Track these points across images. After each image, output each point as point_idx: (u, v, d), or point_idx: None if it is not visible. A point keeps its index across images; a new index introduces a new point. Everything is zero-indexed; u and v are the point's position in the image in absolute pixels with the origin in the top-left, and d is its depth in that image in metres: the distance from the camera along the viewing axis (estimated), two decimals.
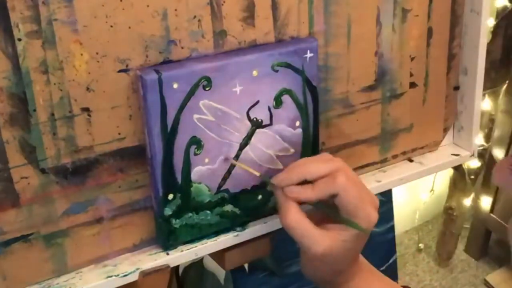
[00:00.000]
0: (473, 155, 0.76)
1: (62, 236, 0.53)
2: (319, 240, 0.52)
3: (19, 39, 0.45)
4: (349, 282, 0.57)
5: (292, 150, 0.60)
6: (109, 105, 0.51)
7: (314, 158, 0.55)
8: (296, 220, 0.52)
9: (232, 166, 0.57)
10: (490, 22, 1.44)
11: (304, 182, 0.53)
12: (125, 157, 0.53)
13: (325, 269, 0.55)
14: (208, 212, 0.58)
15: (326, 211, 0.54)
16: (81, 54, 0.48)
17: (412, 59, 0.69)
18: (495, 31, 1.47)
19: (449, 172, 1.67)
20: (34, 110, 0.48)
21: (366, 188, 0.54)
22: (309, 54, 0.58)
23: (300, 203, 0.53)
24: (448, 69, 0.73)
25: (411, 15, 0.67)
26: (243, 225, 0.61)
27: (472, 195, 1.67)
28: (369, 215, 0.52)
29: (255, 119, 0.57)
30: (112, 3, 0.48)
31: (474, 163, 1.60)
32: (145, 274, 0.55)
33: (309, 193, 0.52)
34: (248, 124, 0.57)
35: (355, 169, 0.70)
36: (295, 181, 0.53)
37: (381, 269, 1.33)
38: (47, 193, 0.51)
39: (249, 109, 0.56)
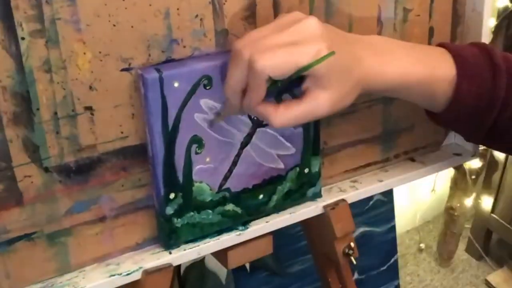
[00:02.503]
0: (474, 155, 0.76)
1: (65, 235, 0.53)
2: (316, 105, 0.50)
3: (23, 38, 0.46)
4: (376, 77, 0.53)
5: (293, 149, 0.61)
6: (112, 104, 0.51)
7: (230, 65, 0.50)
8: (282, 113, 0.49)
9: (234, 165, 0.57)
10: (491, 22, 1.44)
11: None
12: (128, 156, 0.53)
13: (348, 97, 0.52)
14: (210, 211, 0.58)
15: (276, 86, 0.49)
16: (84, 53, 0.48)
17: None
18: (496, 31, 1.47)
19: (450, 172, 1.67)
20: (38, 109, 0.48)
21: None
22: None
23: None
24: None
25: (412, 14, 0.67)
26: (244, 224, 0.61)
27: (473, 195, 1.67)
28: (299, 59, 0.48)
29: (255, 118, 0.57)
30: (115, 2, 0.48)
31: (476, 163, 1.60)
32: (148, 273, 0.55)
33: (255, 94, 0.49)
34: (249, 123, 0.57)
35: (356, 169, 0.70)
36: (239, 102, 0.50)
37: (382, 269, 1.34)
38: (50, 192, 0.51)
39: None
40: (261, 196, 0.61)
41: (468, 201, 1.66)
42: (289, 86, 0.53)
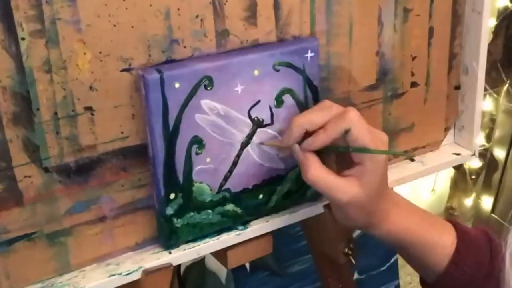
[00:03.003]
0: (474, 154, 0.77)
1: (65, 235, 0.53)
2: (344, 188, 0.53)
3: (23, 38, 0.46)
4: (383, 222, 0.57)
5: None
6: (112, 104, 0.51)
7: (313, 109, 0.56)
8: (318, 173, 0.53)
9: (234, 165, 0.57)
10: (491, 22, 1.44)
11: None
12: (128, 156, 0.53)
13: (356, 215, 0.55)
14: (210, 211, 0.58)
15: (341, 150, 0.55)
16: (84, 53, 0.48)
17: (414, 58, 0.69)
18: (496, 31, 1.47)
19: (450, 172, 1.67)
20: (38, 109, 0.48)
21: (373, 128, 0.55)
22: (310, 54, 0.58)
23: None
24: (449, 68, 0.73)
25: (413, 14, 0.67)
26: (244, 224, 0.61)
27: (473, 195, 1.67)
28: (381, 138, 0.54)
29: (256, 118, 0.57)
30: (115, 2, 0.48)
31: (475, 163, 1.60)
32: (147, 272, 0.55)
33: (322, 138, 0.53)
34: (249, 124, 0.57)
35: None
36: (297, 137, 0.54)
37: (382, 268, 1.33)
38: (50, 192, 0.51)
39: (250, 108, 0.57)
40: (261, 196, 0.61)
41: (468, 201, 1.66)
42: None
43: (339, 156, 0.57)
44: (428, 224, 0.59)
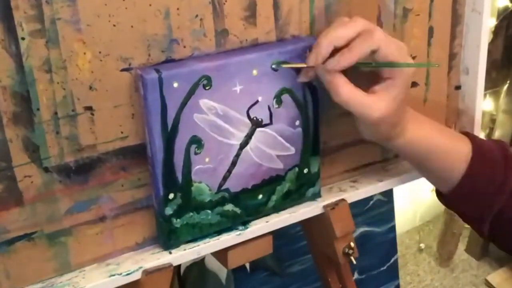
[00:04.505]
0: None
1: (65, 235, 0.53)
2: (374, 106, 0.54)
3: (23, 38, 0.46)
4: (404, 132, 0.59)
5: (292, 149, 0.61)
6: (111, 104, 0.51)
7: (334, 24, 0.55)
8: (348, 92, 0.53)
9: (233, 165, 0.57)
10: (491, 22, 1.44)
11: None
12: (127, 156, 0.53)
13: (383, 128, 0.56)
14: (209, 211, 0.58)
15: (371, 66, 0.55)
16: (84, 53, 0.48)
17: (413, 58, 0.69)
18: (496, 31, 1.47)
19: None
20: (38, 109, 0.48)
21: (395, 38, 0.55)
22: (309, 53, 0.58)
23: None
24: (449, 68, 0.73)
25: (412, 14, 0.67)
26: (244, 224, 0.61)
27: None
28: (404, 47, 0.55)
29: (255, 118, 0.57)
30: (115, 2, 0.48)
31: None
32: (148, 273, 0.55)
33: (349, 58, 0.53)
34: (248, 123, 0.57)
35: (356, 169, 0.70)
36: (326, 54, 0.53)
37: (382, 268, 1.33)
38: (50, 191, 0.51)
39: (249, 108, 0.57)
40: (260, 196, 0.61)
41: None
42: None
43: (365, 72, 0.56)
44: (446, 133, 0.61)
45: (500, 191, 0.57)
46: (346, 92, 0.53)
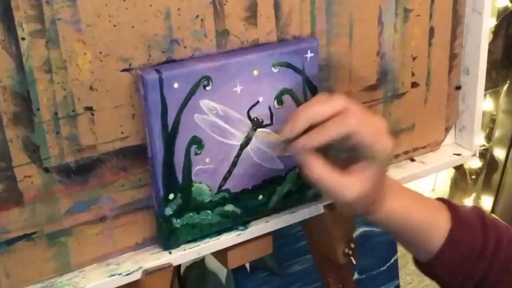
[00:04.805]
0: (474, 155, 0.77)
1: (65, 235, 0.53)
2: (348, 187, 0.52)
3: (23, 39, 0.46)
4: (382, 207, 0.57)
5: None
6: (112, 104, 0.51)
7: (313, 101, 0.54)
8: (320, 172, 0.51)
9: (233, 165, 0.57)
10: (491, 22, 1.44)
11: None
12: (128, 156, 0.53)
13: (359, 206, 0.55)
14: (209, 211, 0.58)
15: (343, 154, 0.53)
16: (85, 54, 0.48)
17: (414, 58, 0.69)
18: (496, 31, 1.47)
19: (450, 172, 1.67)
20: (38, 109, 0.48)
21: (374, 117, 0.53)
22: (309, 54, 0.58)
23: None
24: (450, 68, 0.73)
25: (413, 14, 0.67)
26: (244, 224, 0.61)
27: (473, 195, 1.67)
28: (386, 145, 0.52)
29: (255, 118, 0.57)
30: (115, 2, 0.48)
31: (475, 163, 1.60)
32: (147, 273, 0.55)
33: (320, 137, 0.51)
34: (249, 124, 0.57)
35: None
36: (302, 129, 0.51)
37: (382, 268, 1.33)
38: (50, 192, 0.51)
39: (250, 108, 0.57)
40: (260, 197, 0.61)
41: (468, 201, 1.66)
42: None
43: (343, 150, 0.55)
44: (423, 205, 0.59)
45: (480, 258, 0.57)
46: (318, 171, 0.51)
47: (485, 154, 1.62)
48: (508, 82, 1.54)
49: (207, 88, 0.53)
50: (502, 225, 0.60)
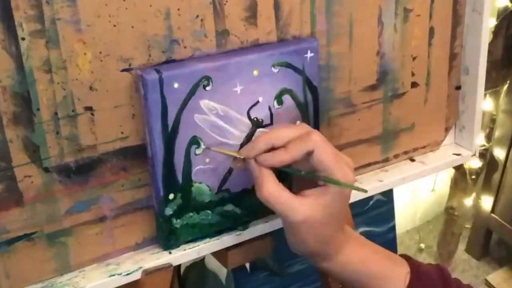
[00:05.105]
0: (474, 154, 0.77)
1: (65, 235, 0.53)
2: (297, 208, 0.51)
3: (23, 39, 0.46)
4: (338, 254, 0.56)
5: None
6: (112, 104, 0.51)
7: (279, 126, 0.55)
8: (272, 190, 0.51)
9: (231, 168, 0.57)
10: (491, 22, 1.44)
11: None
12: (128, 156, 0.53)
13: (310, 239, 0.53)
14: (209, 211, 0.58)
15: (301, 174, 0.53)
16: (85, 54, 0.48)
17: (414, 58, 0.69)
18: (496, 31, 1.47)
19: (450, 172, 1.67)
20: (38, 109, 0.48)
21: (338, 151, 0.53)
22: (309, 54, 0.58)
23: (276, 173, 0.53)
24: (450, 68, 0.73)
25: (413, 14, 0.67)
26: (244, 224, 0.61)
27: (473, 195, 1.67)
28: (346, 174, 0.51)
29: (255, 118, 0.57)
30: (115, 2, 0.48)
31: (475, 163, 1.60)
32: (147, 273, 0.55)
33: (282, 156, 0.51)
34: (249, 124, 0.57)
35: (357, 169, 0.70)
36: (262, 149, 0.52)
37: None
38: (50, 192, 0.51)
39: (250, 108, 0.57)
40: None
41: (468, 201, 1.66)
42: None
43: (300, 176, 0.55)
44: (383, 257, 0.58)
45: None
46: (269, 189, 0.51)
47: (485, 154, 1.62)
48: (508, 82, 1.54)
49: (207, 88, 0.53)
50: (464, 286, 0.58)
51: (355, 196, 0.68)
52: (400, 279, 0.56)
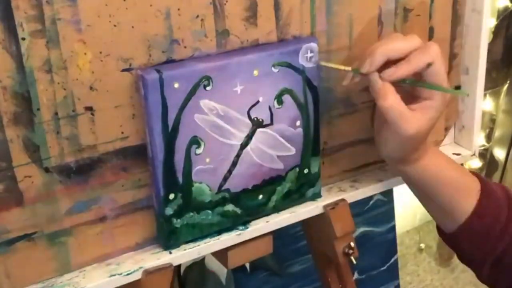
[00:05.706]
0: (474, 154, 0.77)
1: (65, 235, 0.53)
2: (412, 120, 0.54)
3: (23, 38, 0.46)
4: (420, 159, 0.59)
5: (293, 150, 0.61)
6: (112, 104, 0.51)
7: (391, 38, 0.56)
8: (394, 101, 0.54)
9: (233, 165, 0.57)
10: (491, 22, 1.44)
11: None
12: (128, 156, 0.53)
13: (407, 149, 0.57)
14: (209, 211, 0.58)
15: (419, 85, 0.56)
16: (85, 53, 0.48)
17: None
18: (496, 31, 1.47)
19: None
20: (38, 109, 0.48)
21: None
22: (309, 54, 0.58)
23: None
24: (450, 68, 0.73)
25: (413, 14, 0.67)
26: (244, 224, 0.61)
27: None
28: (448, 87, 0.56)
29: (255, 118, 0.57)
30: (115, 2, 0.48)
31: (475, 163, 1.60)
32: (148, 273, 0.55)
33: (406, 68, 0.54)
34: (249, 124, 0.57)
35: (356, 169, 0.70)
36: (381, 62, 0.54)
37: (382, 268, 1.33)
38: (50, 192, 0.51)
39: (250, 108, 0.57)
40: (260, 197, 0.61)
41: None
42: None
43: (406, 89, 0.57)
44: (458, 168, 0.62)
45: (503, 233, 0.58)
46: (393, 99, 0.54)
47: (485, 154, 1.62)
48: (508, 82, 1.54)
49: (207, 88, 0.53)
50: None
51: (355, 196, 0.68)
52: (472, 190, 0.60)
